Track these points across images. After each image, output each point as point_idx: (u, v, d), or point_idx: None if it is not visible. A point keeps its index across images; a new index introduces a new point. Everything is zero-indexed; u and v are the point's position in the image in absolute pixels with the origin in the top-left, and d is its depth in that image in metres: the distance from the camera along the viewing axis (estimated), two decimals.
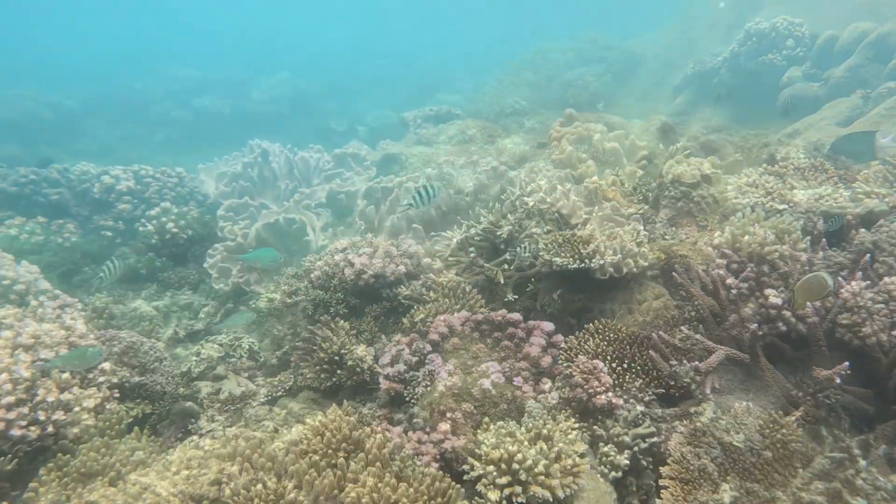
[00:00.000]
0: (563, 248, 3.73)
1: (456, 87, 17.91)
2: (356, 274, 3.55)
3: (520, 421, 2.65)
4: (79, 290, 3.91)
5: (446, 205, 4.24)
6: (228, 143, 12.33)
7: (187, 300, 4.00)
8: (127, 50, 19.52)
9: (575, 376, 2.93)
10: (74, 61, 17.94)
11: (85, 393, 2.43)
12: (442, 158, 4.01)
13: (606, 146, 4.44)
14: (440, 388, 2.63)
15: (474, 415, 2.67)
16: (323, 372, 3.14)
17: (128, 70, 15.41)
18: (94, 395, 2.46)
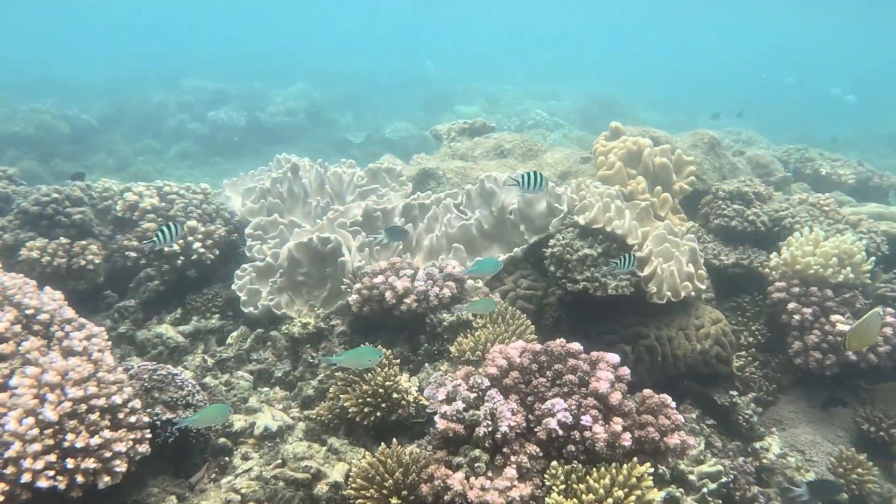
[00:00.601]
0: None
1: (471, 98, 17.80)
2: (398, 298, 3.33)
3: (591, 466, 2.41)
4: (103, 315, 3.72)
5: (488, 223, 4.02)
6: (245, 156, 12.24)
7: (215, 325, 3.79)
8: (143, 62, 19.56)
9: (643, 413, 2.70)
10: (91, 75, 17.98)
11: (115, 436, 2.21)
12: (483, 174, 3.80)
13: (656, 161, 4.21)
14: (503, 428, 2.40)
15: (540, 458, 2.43)
16: (366, 406, 2.92)
17: (144, 83, 15.39)
18: (126, 437, 2.25)
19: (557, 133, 11.44)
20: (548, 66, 27.76)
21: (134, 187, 4.20)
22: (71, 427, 2.14)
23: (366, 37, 32.70)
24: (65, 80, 17.15)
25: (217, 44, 26.30)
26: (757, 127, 19.61)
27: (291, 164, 4.32)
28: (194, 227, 3.90)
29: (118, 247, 3.81)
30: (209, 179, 10.35)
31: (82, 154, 10.11)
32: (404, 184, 4.24)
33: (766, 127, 19.50)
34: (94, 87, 16.53)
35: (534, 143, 4.73)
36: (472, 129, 5.17)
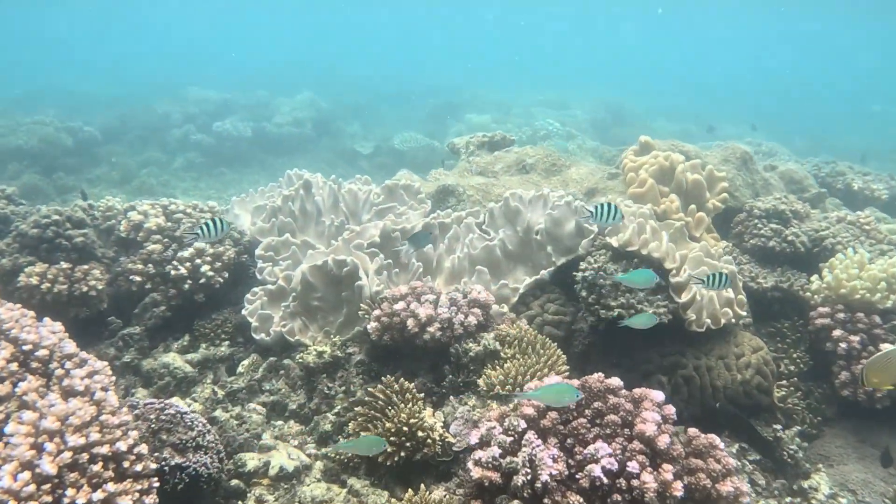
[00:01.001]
0: (655, 297, 3.31)
1: (480, 106, 17.67)
2: (420, 327, 3.14)
3: None
4: (107, 343, 3.54)
5: (513, 244, 3.84)
6: (251, 167, 12.11)
7: (224, 352, 3.61)
8: (148, 73, 19.56)
9: (690, 456, 2.50)
10: (95, 85, 17.96)
11: (120, 488, 2.03)
12: (507, 192, 3.62)
13: (689, 178, 4.03)
14: (544, 477, 2.21)
15: None
16: (389, 445, 2.72)
17: (148, 93, 15.31)
18: (131, 489, 2.06)
19: (572, 144, 11.27)
20: (555, 74, 27.70)
21: (139, 206, 4.03)
22: (71, 480, 1.96)
23: (372, 45, 32.73)
24: (70, 91, 17.11)
25: (222, 53, 26.33)
26: (767, 136, 19.46)
27: (304, 180, 4.15)
28: (202, 249, 3.73)
29: (122, 270, 3.64)
30: (215, 192, 10.22)
31: (85, 167, 9.98)
32: (423, 201, 4.06)
33: (779, 135, 19.34)
34: (99, 98, 16.48)
35: (557, 157, 4.55)
36: (492, 143, 4.99)
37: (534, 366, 3.01)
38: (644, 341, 3.46)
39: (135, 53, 25.78)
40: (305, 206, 4.15)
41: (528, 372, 2.96)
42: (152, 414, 2.48)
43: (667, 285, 3.34)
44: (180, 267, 3.61)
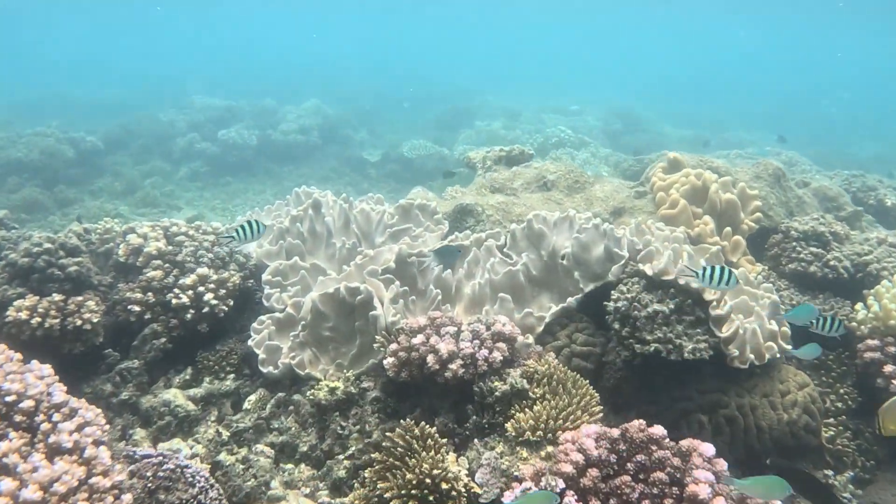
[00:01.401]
0: (694, 330, 3.07)
1: (488, 113, 17.46)
2: (441, 363, 2.91)
3: None
4: (103, 378, 3.31)
5: (537, 268, 3.60)
6: (256, 176, 11.92)
7: (230, 387, 3.39)
8: (152, 80, 19.45)
9: None
10: (99, 93, 17.85)
11: None
12: (531, 213, 3.39)
13: (723, 198, 3.78)
14: None
15: None
16: (410, 499, 2.49)
17: (152, 101, 15.18)
18: None
19: (584, 152, 11.04)
20: (563, 80, 27.51)
21: (138, 228, 3.82)
22: None
23: (378, 51, 32.60)
24: (72, 99, 17.01)
25: (227, 60, 26.23)
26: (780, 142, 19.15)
27: (313, 199, 3.93)
28: (206, 276, 3.51)
29: (120, 299, 3.42)
30: (220, 203, 10.03)
31: (88, 178, 9.81)
32: (440, 222, 3.83)
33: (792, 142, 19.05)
34: (102, 106, 16.36)
35: (580, 173, 4.31)
36: (510, 157, 4.76)
37: (566, 408, 2.76)
38: (682, 377, 3.22)
39: (139, 60, 25.71)
40: (315, 227, 3.93)
41: (561, 415, 2.72)
42: (149, 470, 2.25)
43: (706, 318, 3.10)
44: (182, 295, 3.39)
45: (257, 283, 3.88)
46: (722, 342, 3.05)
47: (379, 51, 32.98)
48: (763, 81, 30.94)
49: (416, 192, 4.58)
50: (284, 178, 11.81)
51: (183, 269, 3.59)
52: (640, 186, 4.25)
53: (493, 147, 4.76)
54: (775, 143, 11.08)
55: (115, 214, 8.25)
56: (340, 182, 11.74)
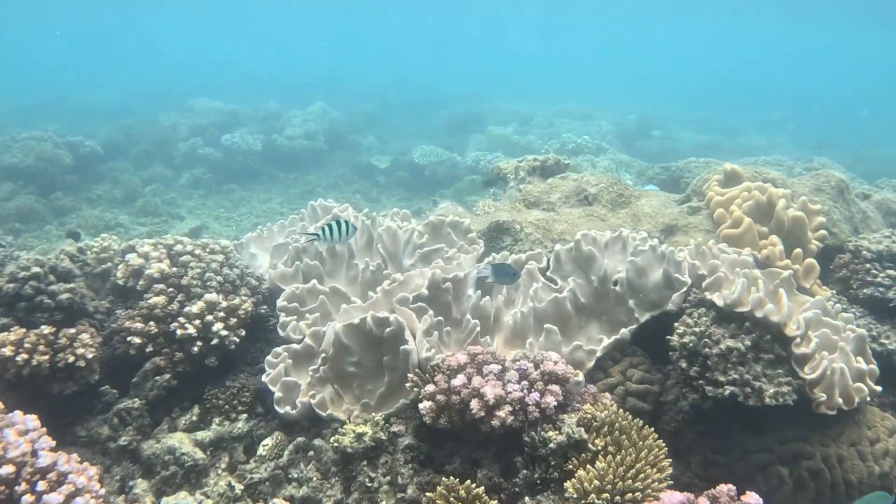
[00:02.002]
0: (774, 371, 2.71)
1: (500, 117, 17.15)
2: (487, 410, 2.56)
3: None
4: (99, 419, 2.96)
5: (585, 295, 3.25)
6: (261, 183, 11.58)
7: (241, 429, 3.03)
8: (154, 83, 19.17)
9: None
10: (100, 96, 17.56)
11: None
12: (579, 233, 3.04)
13: (789, 215, 3.43)
14: None
15: None
16: None
17: (153, 104, 14.89)
18: None
19: (604, 159, 10.69)
20: (573, 84, 27.23)
21: (139, 246, 3.47)
22: None
23: (384, 54, 32.37)
24: (71, 102, 16.71)
25: (230, 63, 25.98)
26: (796, 146, 18.81)
27: (332, 215, 3.58)
28: (214, 303, 3.16)
29: (119, 328, 3.07)
30: (224, 211, 9.70)
31: (86, 185, 9.49)
32: (474, 241, 3.48)
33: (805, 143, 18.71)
34: (103, 109, 16.07)
35: (624, 186, 3.96)
36: (544, 168, 4.41)
37: (633, 464, 2.40)
38: (755, 421, 2.85)
39: (140, 63, 25.45)
40: (334, 247, 3.58)
41: (629, 473, 2.36)
42: None
43: (787, 356, 2.74)
44: (188, 325, 3.04)
45: (271, 309, 3.54)
46: (807, 384, 2.69)
47: (385, 54, 32.75)
48: (774, 85, 30.62)
49: (444, 207, 4.23)
50: (290, 186, 11.48)
51: (189, 294, 3.24)
52: (692, 202, 3.89)
53: (526, 156, 4.42)
54: (814, 150, 10.70)
55: (115, 224, 7.92)
56: (349, 189, 11.41)
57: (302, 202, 10.48)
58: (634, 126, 17.19)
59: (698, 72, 35.28)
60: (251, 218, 9.29)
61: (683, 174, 7.69)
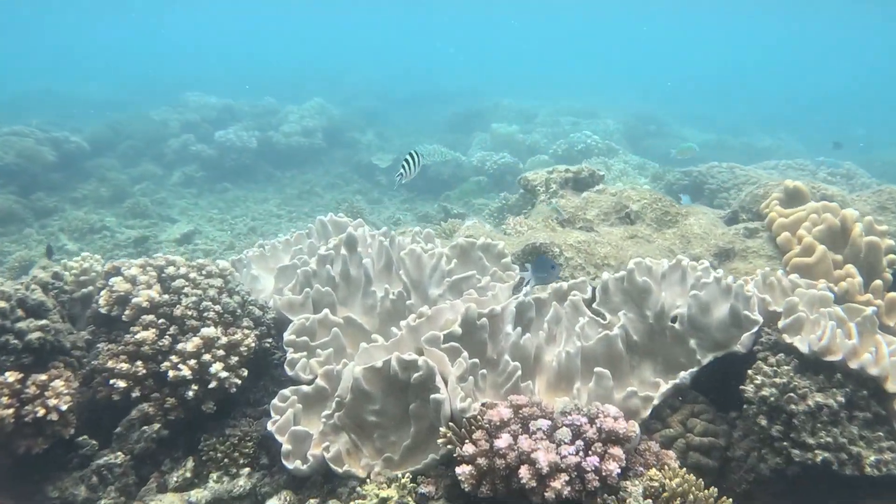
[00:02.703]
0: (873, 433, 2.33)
1: (503, 115, 16.74)
2: (539, 478, 2.17)
3: None
4: (75, 476, 2.55)
5: (638, 332, 2.86)
6: (257, 182, 11.13)
7: (243, 487, 2.63)
8: (145, 76, 18.65)
9: None
10: (88, 89, 17.03)
11: None
12: (632, 261, 2.65)
13: (865, 242, 3.05)
14: None
15: None
16: None
17: (143, 98, 14.41)
18: None
19: (617, 161, 10.31)
20: (575, 81, 26.86)
21: (125, 268, 3.05)
22: None
23: (382, 49, 31.90)
24: (57, 95, 16.20)
25: (225, 56, 25.46)
26: (801, 140, 18.48)
27: (346, 235, 3.18)
28: (212, 338, 2.75)
29: (100, 367, 2.66)
30: (217, 212, 9.27)
31: (71, 184, 9.02)
32: (509, 267, 3.09)
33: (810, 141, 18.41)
34: (90, 103, 15.56)
35: (669, 202, 3.58)
36: (577, 180, 4.01)
37: None
38: (838, 486, 2.48)
39: (131, 54, 24.88)
40: (349, 271, 3.18)
41: None
42: None
43: (887, 415, 2.36)
44: (182, 366, 2.63)
45: (276, 341, 3.14)
46: None
47: (382, 47, 32.27)
48: (778, 83, 30.37)
49: (470, 224, 3.82)
50: (287, 185, 11.05)
51: (182, 326, 2.83)
52: (744, 220, 3.50)
53: (556, 167, 4.01)
54: (831, 151, 10.33)
55: (101, 227, 7.47)
56: (348, 190, 10.99)
57: (300, 203, 10.07)
58: (641, 124, 16.84)
59: (698, 69, 35.00)
60: (246, 220, 8.85)
61: (706, 180, 7.31)
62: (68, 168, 9.21)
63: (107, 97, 15.88)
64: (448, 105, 19.17)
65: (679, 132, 18.38)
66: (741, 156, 16.28)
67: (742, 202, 3.89)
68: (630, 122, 16.64)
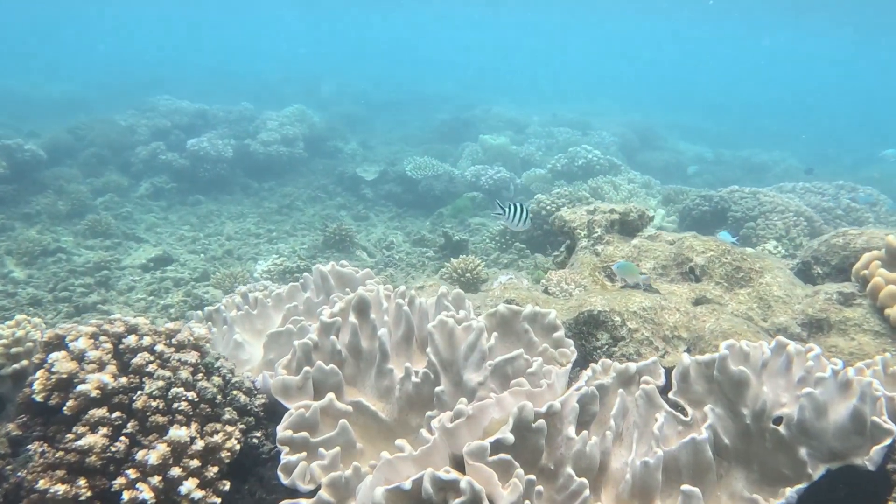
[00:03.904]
0: None
1: (493, 124, 16.26)
2: None
3: None
4: None
5: (729, 434, 2.30)
6: (233, 195, 10.42)
7: None
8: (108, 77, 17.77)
9: None
10: (45, 90, 16.11)
11: None
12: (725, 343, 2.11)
13: None
14: None
15: None
16: None
17: (109, 101, 13.59)
18: None
19: (622, 179, 9.84)
20: (564, 89, 26.60)
21: (71, 339, 2.41)
22: None
23: (360, 50, 31.32)
24: (13, 94, 15.28)
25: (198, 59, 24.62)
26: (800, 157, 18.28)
27: (357, 298, 2.58)
28: (182, 444, 2.13)
29: (27, 486, 2.02)
30: (189, 229, 8.56)
31: (24, 197, 8.24)
32: (562, 343, 2.51)
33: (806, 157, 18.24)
34: (52, 104, 14.70)
35: (740, 255, 3.03)
36: (624, 223, 3.45)
37: None
38: None
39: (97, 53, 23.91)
40: (359, 343, 2.58)
41: None
42: None
43: None
44: (142, 485, 2.01)
45: (268, 428, 2.53)
46: None
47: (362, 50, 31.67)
48: (772, 98, 30.44)
49: (506, 282, 3.21)
50: (266, 198, 10.37)
51: (144, 423, 2.20)
52: (841, 285, 2.96)
53: (597, 204, 3.44)
54: (806, 176, 9.96)
55: (55, 248, 6.72)
56: (332, 204, 10.35)
57: (280, 219, 9.41)
58: (637, 137, 16.49)
59: (687, 80, 35.03)
60: (221, 240, 8.15)
61: (729, 206, 6.84)
62: (21, 179, 8.43)
63: (68, 98, 15.01)
64: (434, 111, 18.66)
65: (675, 146, 18.10)
66: (740, 172, 15.98)
67: (816, 252, 3.36)
68: (626, 134, 16.28)
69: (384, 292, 2.69)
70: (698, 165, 15.55)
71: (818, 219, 6.86)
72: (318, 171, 11.76)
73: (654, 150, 16.56)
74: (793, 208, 6.52)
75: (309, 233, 8.76)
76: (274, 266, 6.67)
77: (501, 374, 2.36)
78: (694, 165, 15.31)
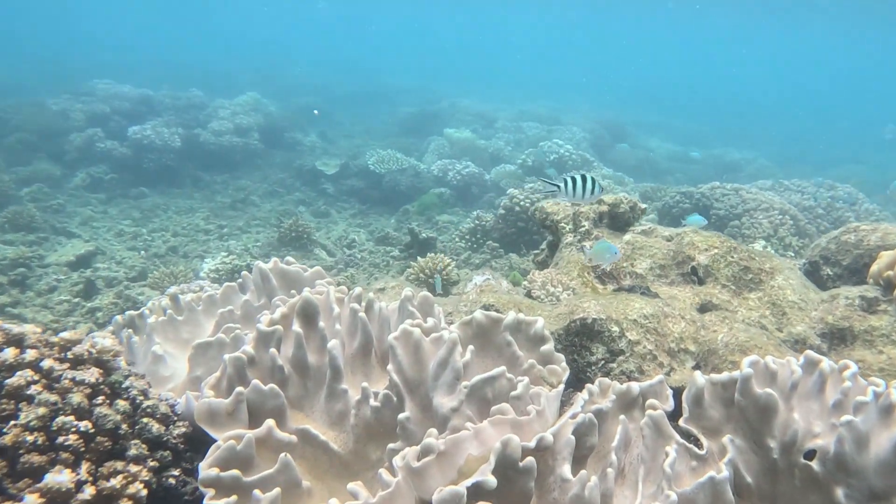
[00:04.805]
0: None
1: (460, 118, 15.91)
2: None
3: None
4: None
5: (752, 472, 1.96)
6: (181, 187, 9.81)
7: None
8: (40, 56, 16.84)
9: None
10: None
11: None
12: (747, 360, 1.78)
13: None
14: None
15: None
16: None
17: (40, 83, 12.79)
18: None
19: (596, 175, 9.54)
20: (530, 82, 26.47)
21: None
22: None
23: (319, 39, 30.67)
24: None
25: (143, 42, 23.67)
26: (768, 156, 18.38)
27: (302, 302, 2.17)
28: (60, 491, 1.69)
29: None
30: (130, 224, 7.97)
31: None
32: (551, 358, 2.13)
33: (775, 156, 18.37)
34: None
35: (748, 254, 2.71)
36: (614, 216, 3.10)
37: None
38: None
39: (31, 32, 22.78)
40: (305, 357, 2.16)
41: None
42: None
43: None
44: None
45: (190, 463, 2.09)
46: None
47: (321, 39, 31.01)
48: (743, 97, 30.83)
49: (482, 282, 2.82)
50: (218, 192, 9.81)
51: (14, 466, 1.75)
52: (863, 289, 2.65)
53: (587, 198, 3.09)
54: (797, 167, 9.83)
55: None
56: (290, 199, 9.84)
57: (233, 214, 8.87)
58: (608, 132, 16.34)
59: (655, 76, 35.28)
60: (166, 236, 7.60)
61: (711, 203, 6.61)
62: None
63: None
64: (397, 104, 18.25)
65: (646, 143, 18.02)
66: (712, 169, 15.93)
67: (825, 251, 3.07)
68: (596, 130, 16.11)
69: (336, 295, 2.27)
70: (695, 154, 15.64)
71: (802, 217, 6.68)
72: (275, 165, 11.23)
73: (627, 147, 16.43)
74: (777, 206, 6.32)
75: (264, 229, 8.27)
76: (222, 265, 6.17)
77: (479, 397, 1.97)
78: (696, 151, 15.39)
